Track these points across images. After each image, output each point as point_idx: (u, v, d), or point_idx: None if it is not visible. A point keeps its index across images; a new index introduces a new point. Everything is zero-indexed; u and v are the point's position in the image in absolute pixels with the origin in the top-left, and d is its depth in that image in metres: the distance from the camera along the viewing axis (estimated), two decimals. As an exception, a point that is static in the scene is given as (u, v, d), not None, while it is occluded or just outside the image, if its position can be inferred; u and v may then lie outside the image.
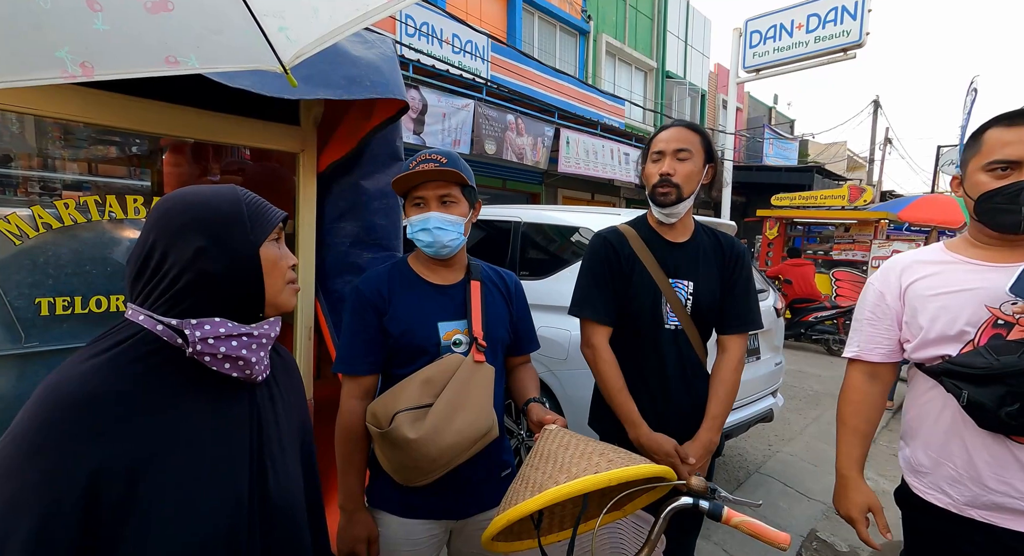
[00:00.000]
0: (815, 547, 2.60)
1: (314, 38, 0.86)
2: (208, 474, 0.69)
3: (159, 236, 0.69)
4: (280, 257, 0.77)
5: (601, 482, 0.87)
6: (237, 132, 1.45)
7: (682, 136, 1.41)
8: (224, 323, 0.70)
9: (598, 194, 9.98)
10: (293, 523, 0.79)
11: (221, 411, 0.73)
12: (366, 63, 1.40)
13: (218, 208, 0.72)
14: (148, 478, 0.63)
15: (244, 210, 0.73)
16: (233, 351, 0.71)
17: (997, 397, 1.00)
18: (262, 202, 0.77)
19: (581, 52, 10.35)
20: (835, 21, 8.22)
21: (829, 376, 5.89)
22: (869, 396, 1.29)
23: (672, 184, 1.38)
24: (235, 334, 0.71)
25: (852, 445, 1.29)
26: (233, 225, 0.72)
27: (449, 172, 1.15)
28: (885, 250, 7.84)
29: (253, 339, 0.73)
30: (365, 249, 1.66)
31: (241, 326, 0.72)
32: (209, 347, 0.69)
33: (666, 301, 1.43)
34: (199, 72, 0.89)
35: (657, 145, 1.43)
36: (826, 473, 3.43)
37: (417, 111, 5.19)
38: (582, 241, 2.93)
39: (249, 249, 0.72)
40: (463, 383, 1.13)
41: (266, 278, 0.74)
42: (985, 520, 1.08)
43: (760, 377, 3.07)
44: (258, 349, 0.74)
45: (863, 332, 1.28)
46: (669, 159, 1.39)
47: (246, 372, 0.73)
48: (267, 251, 0.75)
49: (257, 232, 0.74)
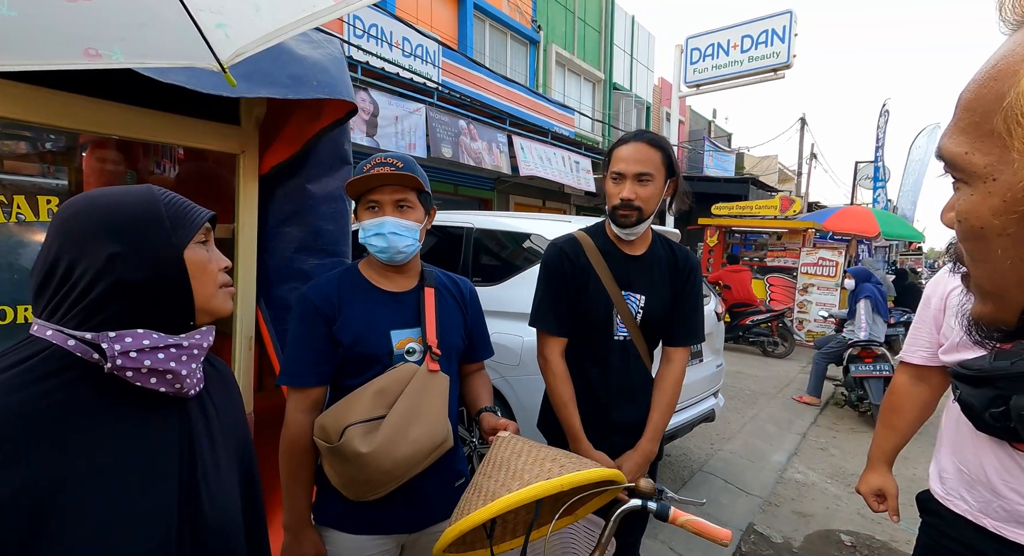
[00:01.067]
0: (753, 540, 2.73)
1: (256, 37, 0.82)
2: (130, 499, 0.63)
3: (64, 243, 0.63)
4: (209, 259, 0.73)
5: (553, 487, 0.87)
6: (170, 130, 1.36)
7: (643, 156, 1.36)
8: (148, 334, 0.65)
9: (549, 201, 10.13)
10: (229, 545, 0.74)
11: (146, 430, 0.67)
12: (312, 62, 1.36)
13: (132, 210, 0.66)
14: (60, 507, 0.58)
15: (162, 211, 0.68)
16: (160, 364, 0.65)
17: (986, 399, 1.03)
18: (184, 202, 0.72)
19: (532, 61, 10.51)
20: (766, 43, 8.80)
21: (765, 376, 6.23)
22: (909, 397, 1.35)
23: (633, 208, 1.37)
24: (161, 346, 0.66)
25: (883, 437, 1.40)
26: (150, 227, 0.66)
27: (406, 176, 1.12)
28: (812, 257, 8.43)
29: (183, 350, 0.68)
30: (311, 255, 1.60)
31: (169, 337, 0.67)
32: (131, 361, 0.63)
33: (617, 313, 1.45)
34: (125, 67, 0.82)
35: (617, 164, 1.39)
36: (762, 469, 3.62)
37: (368, 113, 5.07)
38: (534, 248, 2.96)
39: (171, 252, 0.68)
40: (417, 393, 1.11)
41: (194, 283, 0.70)
42: (997, 531, 1.08)
43: (703, 379, 3.21)
44: (189, 361, 0.69)
45: (911, 335, 1.34)
46: (630, 183, 1.36)
47: (175, 386, 0.68)
48: (193, 254, 0.70)
49: (180, 234, 0.69)
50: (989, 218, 0.33)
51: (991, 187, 0.33)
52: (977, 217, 0.34)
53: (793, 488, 3.38)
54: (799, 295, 8.50)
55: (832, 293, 8.17)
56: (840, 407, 5.18)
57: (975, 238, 0.35)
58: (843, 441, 4.26)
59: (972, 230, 0.35)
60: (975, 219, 0.34)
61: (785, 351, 7.34)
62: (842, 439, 4.31)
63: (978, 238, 0.35)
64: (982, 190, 0.33)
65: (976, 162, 0.33)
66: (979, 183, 0.34)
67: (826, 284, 8.27)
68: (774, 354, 7.34)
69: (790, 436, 4.26)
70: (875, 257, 10.46)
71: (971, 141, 0.34)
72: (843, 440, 4.28)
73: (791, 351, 7.35)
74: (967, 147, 0.34)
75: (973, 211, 0.34)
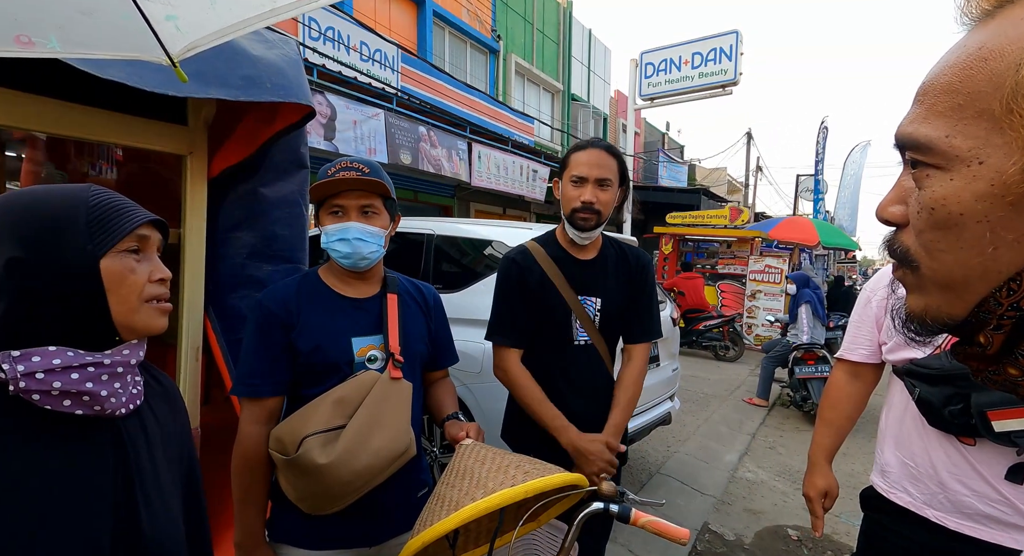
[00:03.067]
0: (707, 539, 2.82)
1: (210, 31, 0.78)
2: (52, 529, 0.58)
3: None
4: (132, 270, 0.65)
5: (518, 495, 0.87)
6: (111, 129, 1.28)
7: (603, 162, 1.41)
8: (61, 352, 0.59)
9: (510, 209, 10.18)
10: None
11: (68, 455, 0.61)
12: (267, 64, 1.31)
13: (46, 212, 0.60)
14: None
15: (83, 214, 0.62)
16: (72, 385, 0.59)
17: (944, 396, 1.08)
18: (118, 205, 0.66)
19: (492, 70, 10.58)
20: (715, 60, 9.25)
21: (717, 379, 6.46)
22: (848, 393, 1.40)
23: (594, 211, 1.40)
24: (75, 365, 0.60)
25: (824, 435, 1.42)
26: (62, 232, 0.60)
27: (373, 182, 1.11)
28: (759, 265, 8.85)
29: (104, 369, 0.62)
30: (265, 261, 1.54)
31: (86, 354, 0.61)
32: (38, 383, 0.57)
33: (576, 318, 1.47)
34: (61, 57, 0.77)
35: (579, 168, 1.41)
36: (716, 469, 3.75)
37: (326, 116, 4.96)
38: (495, 254, 2.96)
39: (83, 260, 0.61)
40: (379, 401, 1.08)
41: (110, 296, 0.63)
42: (939, 522, 1.12)
43: (660, 383, 3.29)
44: (111, 380, 0.63)
45: (849, 333, 1.39)
46: (592, 187, 1.40)
47: (95, 409, 0.62)
48: (112, 263, 0.63)
49: (100, 240, 0.63)
50: (972, 203, 0.31)
51: (976, 171, 0.31)
52: (958, 202, 0.32)
53: (744, 487, 3.51)
54: (748, 301, 8.90)
55: (778, 299, 8.60)
56: (786, 407, 5.44)
57: (947, 227, 0.33)
58: (789, 440, 4.47)
59: (948, 218, 0.33)
60: (955, 205, 0.32)
61: (736, 355, 7.65)
62: (788, 438, 4.52)
63: (951, 226, 0.33)
64: (965, 174, 0.32)
65: (959, 145, 0.32)
66: (961, 167, 0.32)
67: (772, 290, 8.70)
68: (725, 358, 7.65)
69: (741, 436, 4.43)
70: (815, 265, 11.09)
71: (952, 124, 0.32)
72: (789, 439, 4.49)
73: (741, 355, 7.67)
74: (947, 130, 0.33)
75: (953, 197, 0.32)
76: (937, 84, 0.34)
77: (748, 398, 5.51)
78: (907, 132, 0.35)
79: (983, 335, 0.34)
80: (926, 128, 0.34)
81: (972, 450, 1.09)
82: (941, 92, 0.33)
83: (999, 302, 0.32)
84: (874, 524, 1.29)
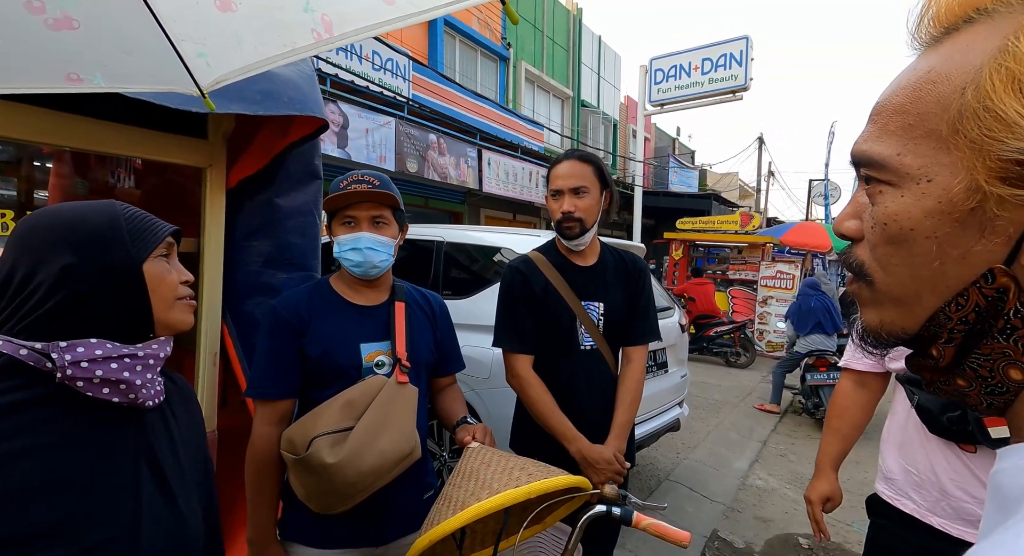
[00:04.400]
0: (716, 546, 2.80)
1: (236, 67, 0.84)
2: (82, 512, 0.63)
3: (22, 254, 0.65)
4: (168, 272, 0.74)
5: (521, 495, 0.90)
6: (136, 144, 1.34)
7: (576, 171, 1.47)
8: (101, 344, 0.66)
9: (520, 214, 10.24)
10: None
11: (103, 440, 0.67)
12: (284, 79, 1.37)
13: (91, 223, 0.68)
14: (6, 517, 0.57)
15: (123, 225, 0.70)
16: (112, 374, 0.66)
17: (942, 403, 1.09)
18: (146, 216, 0.75)
19: (502, 77, 10.68)
20: (725, 66, 9.25)
21: (728, 386, 6.42)
22: (854, 401, 1.41)
23: (575, 219, 1.46)
24: (115, 355, 0.67)
25: (830, 443, 1.44)
26: (109, 241, 0.68)
27: (384, 194, 1.16)
28: (771, 270, 8.79)
29: (137, 360, 0.69)
30: (279, 269, 1.59)
31: (123, 347, 0.68)
32: (83, 371, 0.64)
33: (581, 323, 1.51)
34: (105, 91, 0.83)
35: (555, 182, 1.49)
36: (726, 476, 3.73)
37: (338, 125, 5.06)
38: (504, 261, 2.99)
39: (129, 265, 0.69)
40: (385, 404, 1.12)
41: (152, 295, 0.71)
42: (943, 529, 1.13)
43: (668, 389, 3.29)
44: (144, 371, 0.70)
45: (852, 342, 1.41)
46: (568, 197, 1.46)
47: (130, 397, 0.68)
48: (152, 267, 0.72)
49: (139, 247, 0.71)
50: (921, 219, 0.33)
51: (925, 188, 0.32)
52: (908, 219, 0.33)
53: (754, 494, 3.49)
54: (759, 307, 8.83)
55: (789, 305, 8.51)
56: (798, 414, 5.39)
57: (899, 242, 0.34)
58: (801, 447, 4.42)
59: (900, 233, 0.34)
60: (905, 221, 0.33)
61: (747, 361, 7.58)
62: (800, 445, 4.48)
63: (902, 241, 0.34)
64: (915, 192, 0.33)
65: (909, 164, 0.33)
66: (911, 185, 0.33)
67: (784, 296, 8.63)
68: (736, 364, 7.58)
69: (752, 443, 4.40)
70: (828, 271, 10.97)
71: (903, 143, 0.34)
72: (801, 446, 4.45)
73: (752, 361, 7.61)
74: (899, 149, 0.34)
75: (904, 213, 0.33)
76: (890, 104, 0.36)
77: (759, 405, 5.46)
78: (862, 150, 0.37)
79: (935, 348, 0.36)
80: (879, 146, 0.35)
81: (973, 457, 1.10)
82: (893, 112, 0.35)
83: (948, 316, 0.33)
84: (880, 530, 1.29)
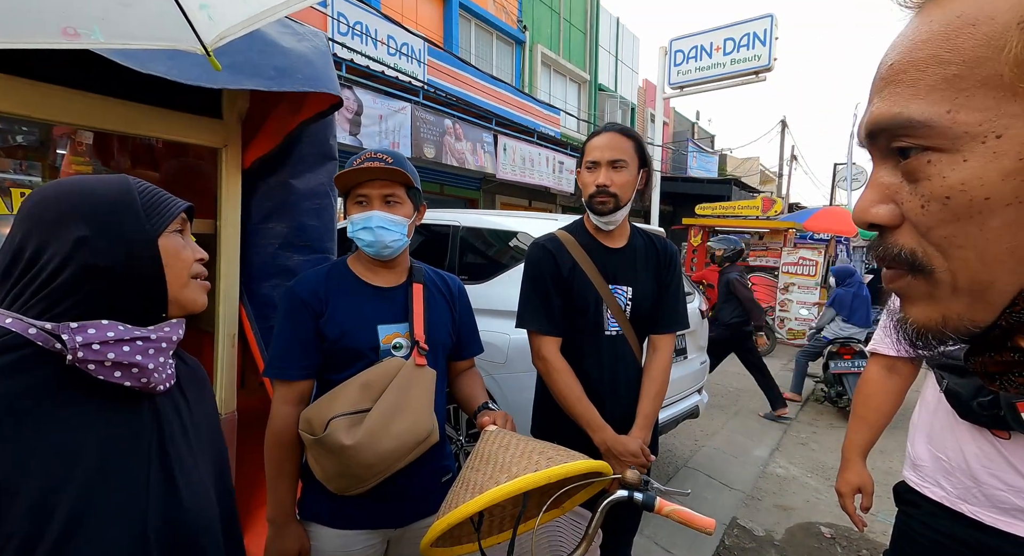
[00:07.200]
0: (736, 533, 2.77)
1: (240, 19, 0.81)
2: (96, 494, 0.61)
3: (32, 228, 0.62)
4: (184, 247, 0.71)
5: (540, 480, 0.88)
6: (150, 123, 1.33)
7: (616, 143, 1.40)
8: (114, 325, 0.63)
9: (536, 201, 10.15)
10: (203, 542, 0.73)
11: (114, 424, 0.65)
12: (297, 55, 1.34)
13: (104, 196, 0.65)
14: (16, 502, 0.55)
15: (136, 198, 0.67)
16: (124, 357, 0.63)
17: (974, 388, 1.05)
18: (159, 191, 0.72)
19: (518, 61, 10.52)
20: (748, 46, 8.94)
21: (747, 373, 6.31)
22: (882, 388, 1.35)
23: (609, 193, 1.38)
24: (127, 338, 0.64)
25: (857, 431, 1.38)
26: (123, 214, 0.65)
27: (394, 171, 1.12)
28: (793, 257, 8.58)
29: (150, 343, 0.66)
30: (295, 251, 1.58)
31: (135, 329, 0.65)
32: (94, 353, 0.61)
33: (607, 307, 1.45)
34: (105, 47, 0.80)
35: (592, 153, 1.41)
36: (744, 464, 3.68)
37: (352, 111, 5.03)
38: (520, 246, 2.96)
39: (144, 238, 0.66)
40: (403, 387, 1.10)
41: (167, 271, 0.68)
42: (974, 516, 1.10)
43: (687, 375, 3.24)
44: (157, 354, 0.67)
45: (882, 326, 1.35)
46: (605, 169, 1.39)
47: (142, 381, 0.66)
48: (167, 242, 0.69)
49: (155, 222, 0.68)
50: (998, 184, 0.27)
51: (996, 146, 0.27)
52: (981, 186, 0.28)
53: (775, 482, 3.44)
54: (780, 294, 8.65)
55: (812, 292, 8.33)
56: (820, 403, 5.28)
57: (969, 215, 0.28)
58: (823, 436, 4.34)
59: (971, 204, 0.28)
60: (977, 189, 0.28)
61: (768, 349, 7.45)
62: (822, 434, 4.39)
63: (974, 215, 0.28)
64: (982, 152, 0.27)
65: (965, 120, 0.28)
66: (974, 145, 0.28)
67: (807, 283, 8.43)
68: (756, 352, 7.46)
69: (772, 432, 4.33)
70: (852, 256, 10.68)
71: (952, 97, 0.28)
72: (823, 435, 4.37)
73: (773, 349, 7.48)
74: (948, 105, 0.28)
75: (974, 180, 0.28)
76: (916, 60, 0.30)
77: (781, 393, 5.38)
78: (893, 113, 0.30)
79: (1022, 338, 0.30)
80: (918, 105, 0.29)
81: (1007, 444, 1.05)
82: (925, 66, 0.29)
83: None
84: (908, 518, 1.26)
